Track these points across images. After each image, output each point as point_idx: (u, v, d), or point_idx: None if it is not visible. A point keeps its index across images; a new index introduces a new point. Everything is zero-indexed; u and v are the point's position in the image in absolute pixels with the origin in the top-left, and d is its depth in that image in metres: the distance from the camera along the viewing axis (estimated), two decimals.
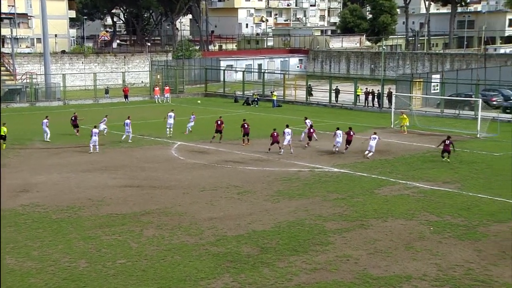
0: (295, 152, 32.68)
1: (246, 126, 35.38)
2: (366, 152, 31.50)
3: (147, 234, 19.71)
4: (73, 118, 39.44)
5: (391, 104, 47.88)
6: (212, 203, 23.45)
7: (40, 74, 61.90)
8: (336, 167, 29.60)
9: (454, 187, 25.65)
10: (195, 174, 28.56)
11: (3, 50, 68.62)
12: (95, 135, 33.27)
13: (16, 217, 21.51)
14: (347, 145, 32.65)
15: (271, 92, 59.56)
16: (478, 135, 37.76)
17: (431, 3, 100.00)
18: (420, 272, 16.52)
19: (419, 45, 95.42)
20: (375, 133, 32.27)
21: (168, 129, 38.51)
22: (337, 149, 32.51)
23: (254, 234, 19.75)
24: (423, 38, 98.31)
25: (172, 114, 39.09)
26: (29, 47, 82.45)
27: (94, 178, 27.31)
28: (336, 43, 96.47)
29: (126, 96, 60.24)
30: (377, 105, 52.99)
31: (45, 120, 37.42)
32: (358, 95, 55.18)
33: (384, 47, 63.43)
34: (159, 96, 59.95)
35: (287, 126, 33.49)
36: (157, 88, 60.80)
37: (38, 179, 27.21)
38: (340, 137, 32.29)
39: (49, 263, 17.11)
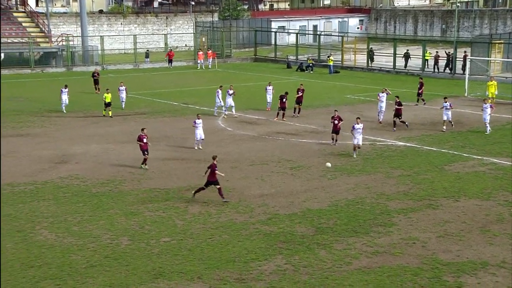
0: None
1: (283, 100, 33.42)
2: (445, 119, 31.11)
3: (192, 211, 20.08)
4: (95, 74, 44.28)
5: (465, 70, 46.73)
6: (262, 179, 23.65)
7: (77, 36, 63.12)
8: (401, 141, 29.27)
9: None
10: (244, 146, 28.79)
11: (37, 9, 70.13)
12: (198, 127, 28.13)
13: (54, 189, 22.32)
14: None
15: (327, 56, 59.06)
16: None
17: None
18: (498, 258, 16.27)
19: (500, 0, 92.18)
20: (445, 99, 31.45)
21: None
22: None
23: (309, 213, 19.85)
24: None
25: (228, 91, 35.62)
26: (64, 6, 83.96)
27: (135, 150, 27.79)
28: (402, 1, 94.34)
29: (170, 61, 60.96)
30: (449, 71, 51.82)
31: (64, 89, 37.01)
32: (427, 59, 54.13)
33: (458, 4, 61.63)
34: (202, 62, 60.36)
35: (358, 118, 27.30)
36: (201, 53, 61.17)
37: (76, 150, 28.05)
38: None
39: (90, 240, 17.71)
